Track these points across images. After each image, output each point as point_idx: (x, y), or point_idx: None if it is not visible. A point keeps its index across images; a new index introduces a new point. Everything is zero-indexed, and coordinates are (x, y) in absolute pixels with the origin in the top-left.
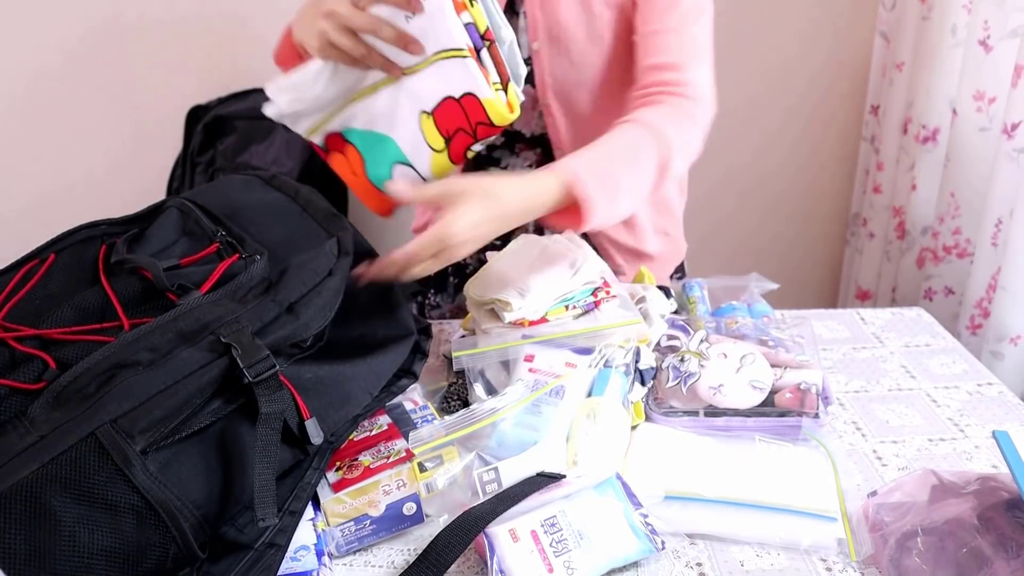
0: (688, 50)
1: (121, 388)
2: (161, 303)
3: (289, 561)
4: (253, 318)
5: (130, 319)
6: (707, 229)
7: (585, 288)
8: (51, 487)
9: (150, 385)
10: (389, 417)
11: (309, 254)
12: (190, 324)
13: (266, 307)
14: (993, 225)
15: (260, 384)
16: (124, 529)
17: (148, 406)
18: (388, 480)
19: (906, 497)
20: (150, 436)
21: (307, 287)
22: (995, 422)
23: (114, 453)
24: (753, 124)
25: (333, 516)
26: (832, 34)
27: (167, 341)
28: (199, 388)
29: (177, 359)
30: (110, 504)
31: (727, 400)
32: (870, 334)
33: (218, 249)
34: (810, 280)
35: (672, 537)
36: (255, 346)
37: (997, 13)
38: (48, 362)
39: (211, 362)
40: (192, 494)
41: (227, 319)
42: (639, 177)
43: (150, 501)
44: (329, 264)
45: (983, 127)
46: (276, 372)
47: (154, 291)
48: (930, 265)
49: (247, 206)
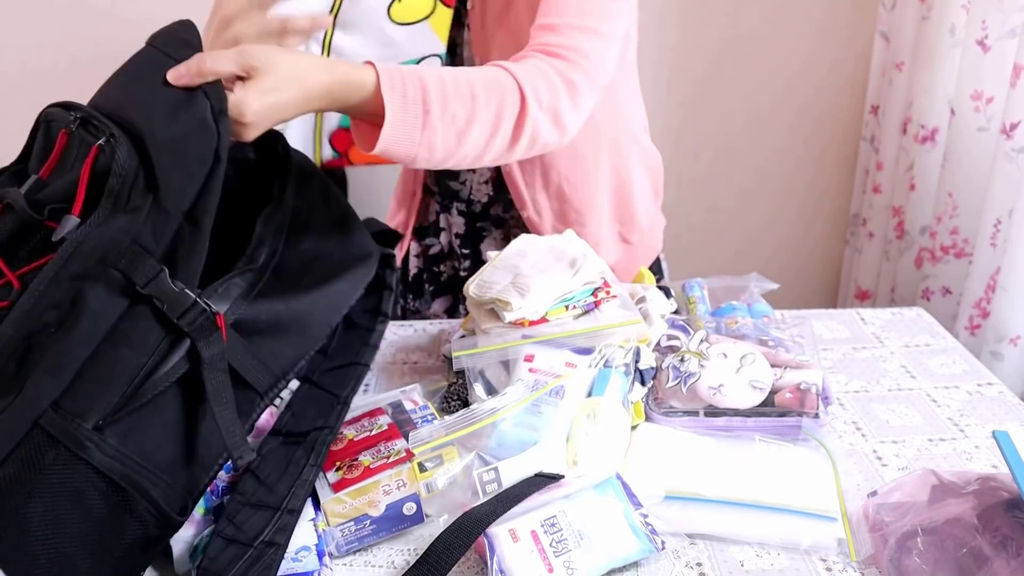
0: (578, 15)
1: (46, 363)
2: (39, 238)
3: (290, 562)
4: (151, 238)
5: (15, 270)
6: (707, 229)
7: (585, 288)
8: (8, 490)
9: (74, 352)
10: (389, 417)
11: (176, 123)
12: (83, 264)
13: (160, 220)
14: (992, 225)
15: (196, 330)
16: (94, 512)
17: (85, 377)
18: (388, 480)
19: (906, 497)
20: (101, 409)
21: (197, 184)
22: (995, 422)
23: (65, 440)
24: (753, 124)
25: (333, 516)
26: (832, 34)
27: (66, 290)
28: (132, 346)
29: (88, 310)
30: (73, 491)
31: (727, 400)
32: (870, 334)
33: (68, 137)
34: (810, 280)
35: (672, 537)
36: (180, 295)
37: (995, 13)
38: None
39: (127, 310)
40: (156, 459)
41: (122, 246)
42: (469, 113)
43: (113, 479)
44: (212, 142)
45: (981, 127)
46: (209, 314)
47: (26, 226)
48: (928, 265)
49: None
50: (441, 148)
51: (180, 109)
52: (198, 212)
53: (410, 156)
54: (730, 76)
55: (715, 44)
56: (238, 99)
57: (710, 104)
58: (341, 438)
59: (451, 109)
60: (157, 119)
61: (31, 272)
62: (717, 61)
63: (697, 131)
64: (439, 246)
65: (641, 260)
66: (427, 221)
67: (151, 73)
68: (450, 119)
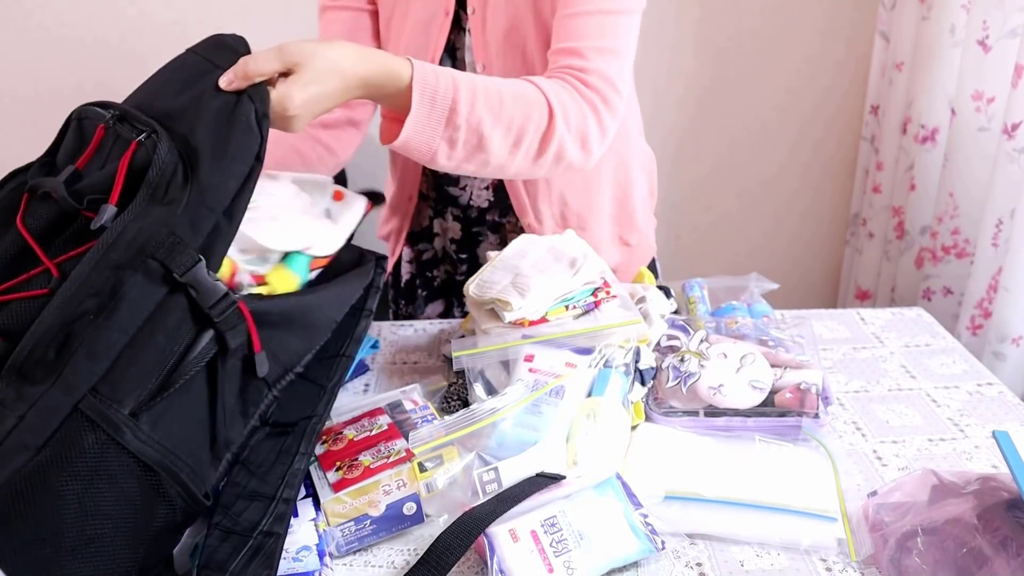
0: (598, 37)
1: (86, 350)
2: (76, 227)
3: (291, 561)
4: (189, 230)
5: (53, 259)
6: (707, 229)
7: (585, 288)
8: (48, 470)
9: (113, 339)
10: (389, 417)
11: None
12: (123, 253)
13: (200, 214)
14: (994, 225)
15: (223, 320)
16: (128, 495)
17: (122, 364)
18: (388, 480)
19: (906, 497)
20: (137, 396)
21: (238, 181)
22: (995, 422)
23: (103, 423)
24: (753, 124)
25: (333, 516)
26: (832, 34)
27: (106, 279)
28: (167, 334)
29: (127, 299)
30: (109, 474)
31: (727, 400)
32: (870, 334)
33: (106, 131)
34: (810, 280)
35: (672, 537)
36: (214, 286)
37: (996, 13)
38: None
39: (164, 299)
40: (183, 445)
41: (160, 236)
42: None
43: (147, 463)
44: (255, 144)
45: (982, 127)
46: (236, 305)
47: (65, 215)
48: (928, 265)
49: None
50: (462, 148)
51: (226, 112)
52: (236, 209)
53: (431, 150)
54: (730, 76)
55: (715, 44)
56: (281, 94)
57: (710, 104)
58: (341, 438)
59: (478, 111)
60: (202, 120)
61: (69, 260)
62: (717, 61)
63: (697, 131)
64: (432, 251)
65: (639, 261)
66: (420, 226)
67: (195, 77)
68: (476, 121)
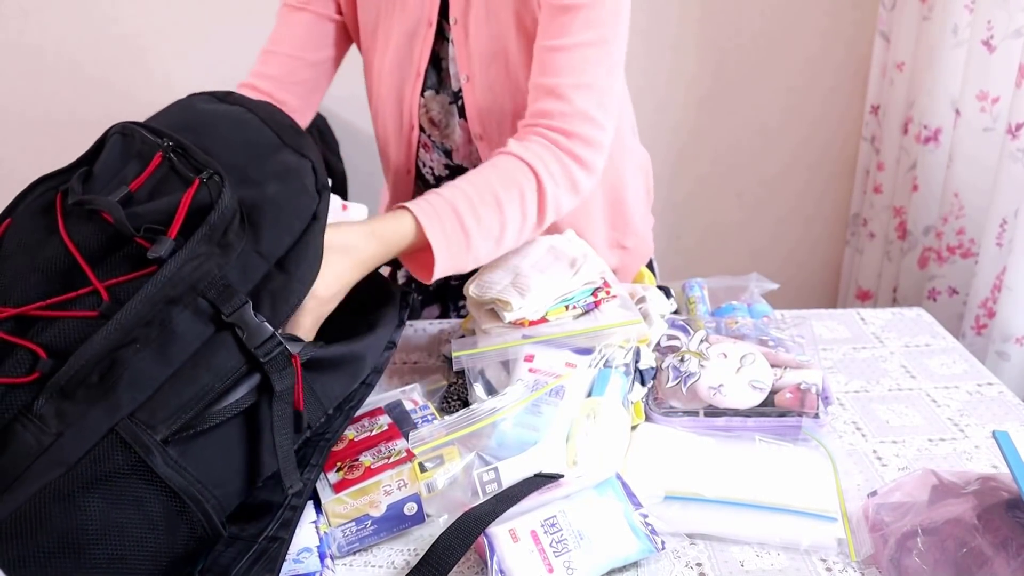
0: (577, 73)
1: (130, 377)
2: (127, 252)
3: (292, 563)
4: (240, 275)
5: (102, 280)
6: (707, 229)
7: (585, 288)
8: (78, 486)
9: (157, 370)
10: (389, 417)
11: (283, 185)
12: (176, 289)
13: (252, 261)
14: (998, 225)
15: (270, 362)
16: (152, 518)
17: (163, 393)
18: (389, 480)
19: (906, 497)
20: (171, 425)
21: (293, 236)
22: (995, 422)
23: (136, 447)
24: (753, 124)
25: (334, 516)
26: (832, 34)
27: (157, 312)
28: (211, 371)
29: (175, 333)
30: (135, 496)
31: (727, 400)
32: (870, 334)
33: (163, 160)
34: (810, 280)
35: (672, 537)
36: (260, 327)
37: (1001, 13)
38: (38, 352)
39: (212, 336)
40: (213, 476)
41: (212, 277)
42: (502, 220)
43: (174, 489)
44: (312, 205)
45: (987, 127)
46: (284, 348)
47: (118, 238)
48: (933, 265)
49: (196, 118)
50: (485, 255)
51: (289, 175)
52: (288, 261)
53: (465, 267)
54: (730, 77)
55: (715, 45)
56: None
57: (711, 105)
58: (342, 439)
59: (485, 223)
60: (267, 177)
61: (120, 285)
62: (717, 62)
63: (698, 132)
64: None
65: (637, 264)
66: None
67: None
68: (487, 232)
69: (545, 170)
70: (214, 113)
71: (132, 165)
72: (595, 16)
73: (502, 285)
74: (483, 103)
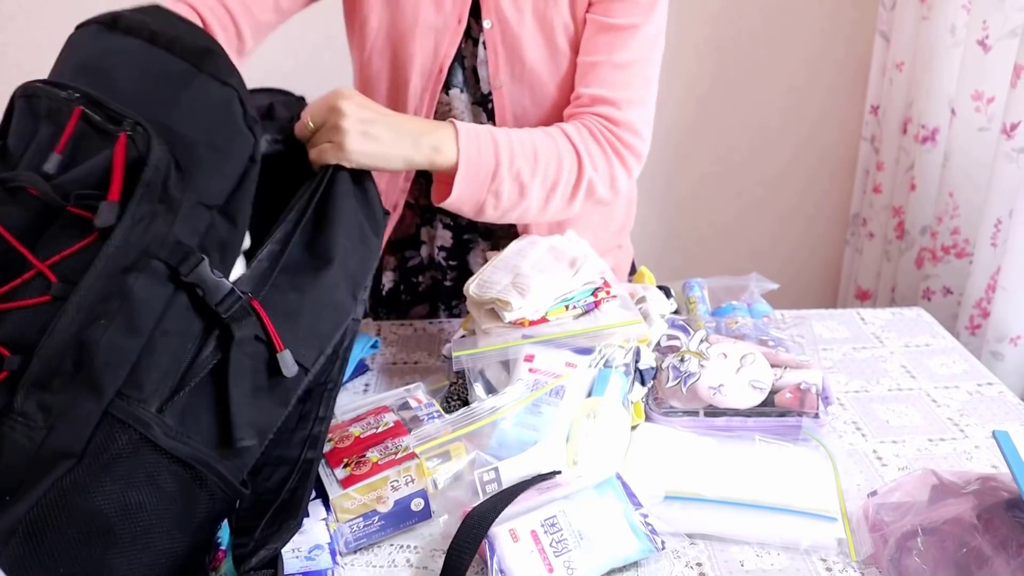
0: (630, 89)
1: (104, 356)
2: (62, 224)
3: (304, 560)
4: (188, 229)
5: (43, 260)
6: (707, 229)
7: (585, 288)
8: (91, 475)
9: (129, 343)
10: (395, 414)
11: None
12: (130, 257)
13: (196, 212)
14: (992, 225)
15: (231, 315)
16: (168, 490)
17: (142, 364)
18: (396, 476)
19: (906, 497)
20: (161, 394)
21: (231, 181)
22: (995, 422)
23: (134, 423)
24: (753, 124)
25: (342, 512)
26: (832, 34)
27: (115, 284)
28: (181, 330)
29: (137, 300)
30: (147, 473)
31: (727, 400)
32: (870, 334)
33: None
34: (810, 280)
35: (672, 537)
36: (218, 283)
37: (996, 13)
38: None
39: (171, 298)
40: (209, 438)
41: (164, 237)
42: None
43: (179, 458)
44: (247, 145)
45: (982, 127)
46: (244, 301)
47: (48, 211)
48: (928, 265)
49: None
50: (507, 198)
51: (213, 110)
52: (231, 209)
53: (479, 203)
54: (730, 77)
55: (715, 44)
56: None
57: (710, 104)
58: (347, 436)
59: (517, 164)
60: (189, 121)
61: (63, 261)
62: (717, 61)
63: (697, 131)
64: (419, 258)
65: (627, 260)
66: (406, 234)
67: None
68: (515, 174)
69: (588, 156)
70: (109, 50)
71: (44, 128)
72: (642, 35)
73: (502, 285)
74: (516, 110)
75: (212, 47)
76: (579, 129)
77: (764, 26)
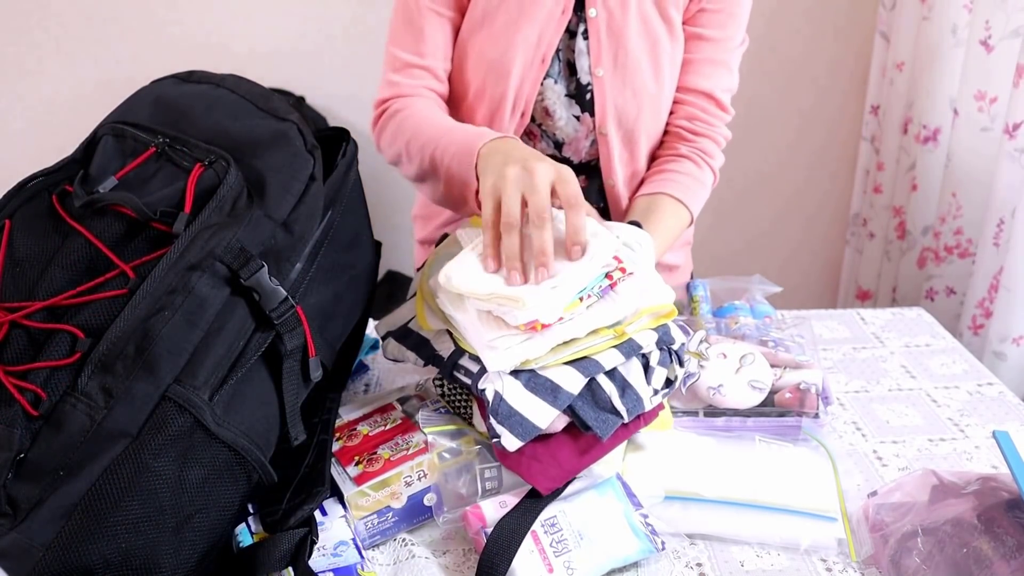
0: (732, 84)
1: (164, 344)
2: (145, 236)
3: (331, 557)
4: (252, 238)
5: (127, 263)
6: (707, 229)
7: (599, 274)
8: (149, 454)
9: (188, 334)
10: (401, 412)
11: (277, 153)
12: (196, 255)
13: (261, 224)
14: (995, 225)
15: (283, 323)
16: (219, 471)
17: (198, 355)
18: (409, 471)
19: (906, 497)
20: (212, 384)
21: (295, 196)
22: (995, 422)
23: (191, 408)
24: (753, 124)
25: (357, 509)
26: (832, 34)
27: (180, 278)
28: (235, 329)
29: (198, 297)
30: (197, 455)
31: (727, 400)
32: (870, 334)
33: (156, 154)
34: (810, 280)
35: (672, 537)
36: (275, 291)
37: (998, 13)
38: (76, 333)
39: (229, 298)
40: (253, 428)
41: (229, 242)
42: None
43: (227, 443)
44: (308, 167)
45: (985, 127)
46: (295, 311)
47: (136, 225)
48: (931, 265)
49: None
50: None
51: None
52: (292, 222)
53: None
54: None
55: None
56: None
57: None
58: (356, 434)
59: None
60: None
61: (143, 264)
62: None
63: None
64: None
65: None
66: None
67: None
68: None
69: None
70: (186, 95)
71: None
72: (740, 15)
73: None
74: (616, 100)
75: (267, 91)
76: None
77: (764, 26)
